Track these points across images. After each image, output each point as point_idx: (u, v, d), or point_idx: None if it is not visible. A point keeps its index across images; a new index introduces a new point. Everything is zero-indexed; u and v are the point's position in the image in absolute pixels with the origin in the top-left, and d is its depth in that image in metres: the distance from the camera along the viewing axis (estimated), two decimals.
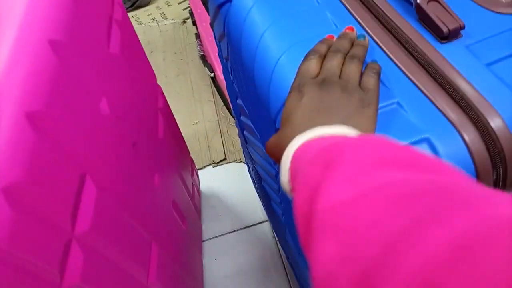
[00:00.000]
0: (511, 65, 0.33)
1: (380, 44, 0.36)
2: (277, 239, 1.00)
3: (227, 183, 1.15)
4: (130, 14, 1.67)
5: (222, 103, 1.32)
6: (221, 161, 1.20)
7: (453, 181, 0.18)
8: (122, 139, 0.52)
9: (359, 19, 0.39)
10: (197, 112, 1.33)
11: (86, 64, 0.44)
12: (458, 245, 0.13)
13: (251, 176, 0.89)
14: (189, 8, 1.42)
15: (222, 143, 1.24)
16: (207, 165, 1.20)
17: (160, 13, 1.68)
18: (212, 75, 1.24)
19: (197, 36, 1.36)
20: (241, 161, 1.19)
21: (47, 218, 0.33)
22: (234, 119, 1.14)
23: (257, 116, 0.49)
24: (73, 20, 0.42)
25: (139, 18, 1.67)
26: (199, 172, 1.15)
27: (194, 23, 1.39)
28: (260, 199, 0.91)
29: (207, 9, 1.03)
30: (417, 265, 0.13)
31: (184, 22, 1.62)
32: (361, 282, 0.15)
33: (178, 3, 1.70)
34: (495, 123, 0.30)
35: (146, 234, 0.55)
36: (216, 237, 1.05)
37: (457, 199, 0.15)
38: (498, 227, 0.13)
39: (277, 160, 0.31)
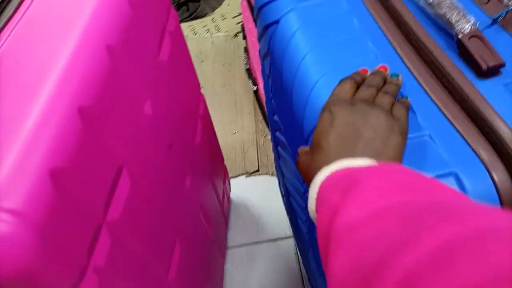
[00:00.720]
0: None
1: (417, 76, 0.37)
2: (300, 256, 1.00)
3: (257, 195, 1.16)
4: (186, 24, 1.75)
5: (262, 117, 1.35)
6: (254, 172, 1.22)
7: (452, 199, 0.20)
8: (160, 139, 0.55)
9: (398, 49, 0.40)
10: (237, 122, 1.36)
11: (136, 68, 0.48)
12: (444, 248, 0.15)
13: (281, 191, 0.90)
14: (242, 23, 1.48)
15: (257, 155, 1.26)
16: (240, 175, 1.22)
17: (215, 25, 1.75)
18: (255, 88, 1.27)
19: (245, 49, 1.41)
20: (273, 175, 1.20)
21: (84, 202, 0.37)
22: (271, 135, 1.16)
23: (291, 134, 0.50)
24: (130, 28, 0.46)
25: (194, 28, 1.75)
26: (232, 180, 1.18)
27: (244, 37, 1.44)
28: (288, 215, 0.92)
29: (256, 25, 1.06)
30: (408, 264, 0.15)
31: (236, 35, 1.67)
32: (360, 283, 0.17)
33: (233, 17, 1.76)
34: None
35: (172, 232, 0.58)
36: (240, 246, 1.06)
37: (452, 213, 0.17)
38: (483, 234, 0.15)
39: (306, 181, 0.32)
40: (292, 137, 0.50)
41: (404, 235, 0.17)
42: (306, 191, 0.49)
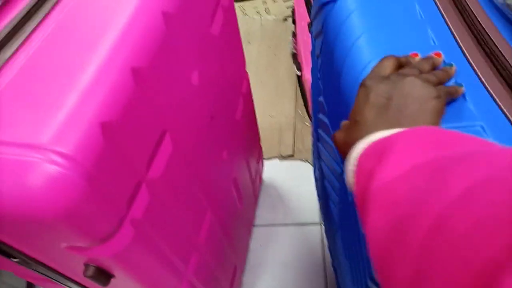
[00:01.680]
0: None
1: (475, 67, 0.36)
2: (325, 243, 1.00)
3: (289, 178, 1.17)
4: (237, 4, 1.76)
5: (302, 103, 1.34)
6: (288, 156, 1.23)
7: (483, 149, 0.20)
8: (203, 110, 0.56)
9: (459, 39, 0.38)
10: (277, 105, 1.37)
11: (189, 38, 0.49)
12: (472, 189, 0.16)
13: (315, 176, 0.90)
14: (293, 7, 1.46)
15: (293, 140, 1.26)
16: (274, 157, 1.23)
17: (265, 8, 1.74)
18: (298, 73, 1.27)
19: (293, 34, 1.39)
20: (307, 161, 1.20)
21: (129, 157, 0.39)
22: (310, 119, 1.15)
23: (336, 114, 0.50)
24: None
25: (244, 10, 1.75)
26: (266, 162, 1.19)
27: (293, 22, 1.43)
28: (319, 200, 0.92)
29: (308, 9, 1.05)
30: (438, 209, 0.16)
31: (285, 19, 1.66)
32: (394, 232, 0.19)
33: (284, 1, 1.75)
34: None
35: (205, 200, 0.60)
36: (267, 225, 1.08)
37: (478, 159, 0.18)
38: (505, 176, 0.15)
39: (343, 156, 0.32)
40: (336, 118, 0.49)
41: (433, 184, 0.18)
42: (342, 171, 0.49)
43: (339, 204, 0.56)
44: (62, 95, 0.34)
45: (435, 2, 0.42)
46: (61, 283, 0.53)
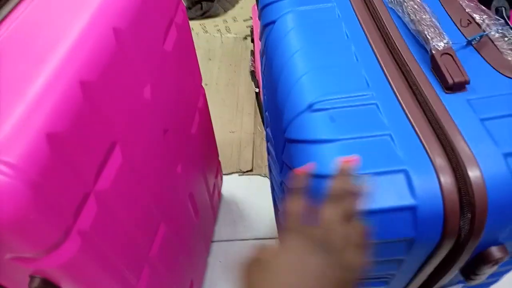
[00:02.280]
0: (504, 124, 0.35)
1: (390, 80, 0.40)
2: None
3: (248, 193, 1.19)
4: (198, 22, 1.80)
5: (261, 119, 1.38)
6: (247, 171, 1.25)
7: None
8: (156, 123, 0.58)
9: (378, 55, 0.43)
10: (236, 122, 1.40)
11: (141, 53, 0.51)
12: None
13: (270, 189, 0.93)
14: (252, 26, 1.52)
15: (252, 155, 1.30)
16: (234, 172, 1.25)
17: (226, 26, 1.80)
18: (256, 90, 1.31)
19: (252, 52, 1.44)
20: (265, 176, 1.23)
21: (76, 168, 0.40)
22: None
23: (275, 128, 0.54)
24: (138, 14, 0.50)
25: (205, 27, 1.79)
26: (225, 177, 1.21)
27: (252, 40, 1.48)
28: (274, 213, 0.95)
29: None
30: None
31: (245, 38, 1.71)
32: None
33: (244, 20, 1.81)
34: (472, 172, 0.33)
35: (158, 212, 0.61)
36: (226, 241, 1.09)
37: None
38: None
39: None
40: (275, 130, 0.53)
41: None
42: (282, 182, 0.53)
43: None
44: (8, 105, 0.35)
45: (360, 24, 0.47)
46: None
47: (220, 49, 1.68)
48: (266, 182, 1.22)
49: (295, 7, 0.51)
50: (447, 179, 0.33)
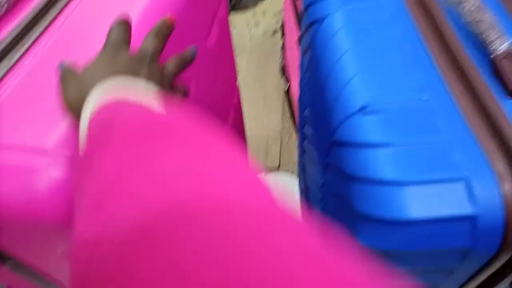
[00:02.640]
0: None
1: (447, 84, 0.39)
2: None
3: (274, 190, 1.19)
4: None
5: (289, 116, 1.37)
6: (274, 168, 1.25)
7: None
8: None
9: (433, 58, 0.42)
10: (264, 118, 1.40)
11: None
12: None
13: (300, 188, 0.93)
14: (282, 21, 1.50)
15: (279, 152, 1.29)
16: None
17: (255, 21, 1.79)
18: (286, 87, 1.30)
19: (282, 48, 1.43)
20: (293, 173, 1.23)
21: None
22: (297, 132, 1.18)
23: (318, 128, 0.53)
24: (186, 7, 0.50)
25: (234, 21, 1.79)
26: None
27: (282, 36, 1.47)
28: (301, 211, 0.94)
29: (299, 24, 1.09)
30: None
31: (274, 33, 1.70)
32: None
33: (274, 15, 1.79)
34: None
35: None
36: None
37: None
38: None
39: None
40: (320, 130, 0.52)
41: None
42: (324, 183, 0.52)
43: (321, 216, 0.58)
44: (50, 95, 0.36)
45: (414, 25, 0.46)
46: None
47: (249, 44, 1.68)
48: (293, 179, 1.21)
49: (344, 6, 0.49)
50: (508, 188, 0.32)
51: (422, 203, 0.33)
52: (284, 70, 1.37)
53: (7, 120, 0.35)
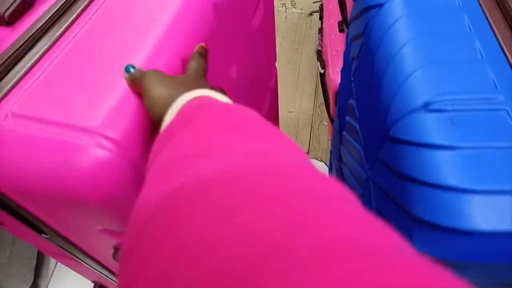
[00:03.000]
0: None
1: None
2: None
3: None
4: None
5: (322, 101, 1.33)
6: None
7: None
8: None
9: (507, 51, 0.38)
10: (295, 102, 1.36)
11: (233, 30, 0.49)
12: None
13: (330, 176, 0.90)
14: (321, 3, 1.45)
15: (310, 138, 1.27)
16: None
17: (291, 1, 1.73)
18: (322, 71, 1.26)
19: (320, 31, 1.38)
20: (321, 160, 1.20)
21: None
22: (331, 119, 1.15)
23: (369, 120, 0.50)
24: None
25: None
26: None
27: (321, 18, 1.41)
28: None
29: (342, 8, 1.04)
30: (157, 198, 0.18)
31: (311, 14, 1.65)
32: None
33: None
34: None
35: None
36: None
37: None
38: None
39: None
40: (369, 123, 0.49)
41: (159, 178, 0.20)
42: (368, 178, 0.50)
43: None
44: (114, 80, 0.34)
45: (485, 14, 0.42)
46: (84, 262, 0.54)
47: (284, 25, 1.63)
48: (321, 166, 1.19)
49: None
50: None
51: (489, 214, 0.31)
52: (320, 54, 1.33)
53: (54, 95, 0.34)
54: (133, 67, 0.35)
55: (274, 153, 0.20)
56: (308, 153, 1.23)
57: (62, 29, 0.38)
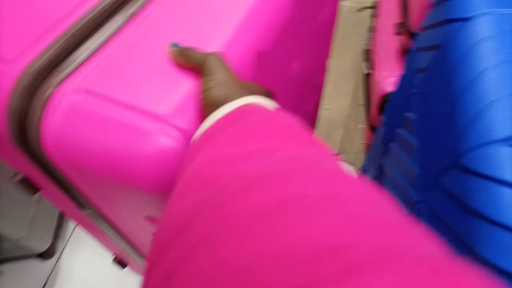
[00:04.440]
0: None
1: None
2: None
3: None
4: None
5: (361, 102, 1.30)
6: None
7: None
8: (285, 101, 0.55)
9: None
10: (333, 99, 1.33)
11: (303, 24, 0.47)
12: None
13: None
14: (375, 0, 1.39)
15: (341, 139, 1.24)
16: None
17: None
18: (367, 72, 1.22)
19: (371, 29, 1.33)
20: (351, 165, 1.18)
21: None
22: (372, 124, 1.12)
23: (429, 140, 0.47)
24: None
25: None
26: None
27: (373, 16, 1.36)
28: None
29: (404, 9, 0.99)
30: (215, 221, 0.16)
31: (361, 10, 1.59)
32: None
33: None
34: None
35: None
36: None
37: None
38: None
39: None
40: (432, 145, 0.47)
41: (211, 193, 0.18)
42: (422, 202, 0.47)
43: None
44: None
45: None
46: (114, 240, 0.54)
47: None
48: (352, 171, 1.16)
49: (494, 8, 0.42)
50: None
51: None
52: (368, 54, 1.28)
53: (124, 75, 0.33)
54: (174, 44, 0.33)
55: (317, 158, 0.20)
56: (337, 155, 1.21)
57: (137, 5, 0.37)
